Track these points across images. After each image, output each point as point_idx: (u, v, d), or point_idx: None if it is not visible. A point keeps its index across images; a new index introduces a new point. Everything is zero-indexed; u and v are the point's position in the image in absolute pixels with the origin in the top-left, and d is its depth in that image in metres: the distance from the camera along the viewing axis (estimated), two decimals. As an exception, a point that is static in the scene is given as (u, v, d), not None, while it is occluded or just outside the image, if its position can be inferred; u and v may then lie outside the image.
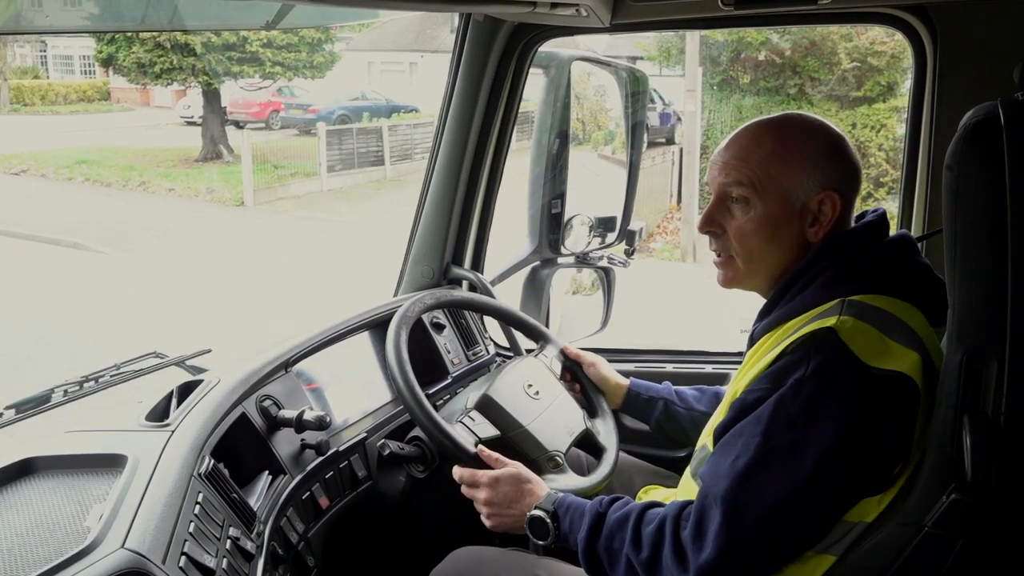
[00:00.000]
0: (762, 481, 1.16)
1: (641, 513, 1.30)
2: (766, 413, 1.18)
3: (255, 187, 13.29)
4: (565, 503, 1.39)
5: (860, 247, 1.31)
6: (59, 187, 14.16)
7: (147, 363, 1.67)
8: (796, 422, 1.15)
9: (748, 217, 1.34)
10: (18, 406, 1.47)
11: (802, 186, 1.31)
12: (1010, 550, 1.13)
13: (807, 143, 1.33)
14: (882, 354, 1.16)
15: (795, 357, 1.18)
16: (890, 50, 10.66)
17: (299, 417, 1.54)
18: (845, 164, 1.34)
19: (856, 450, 1.15)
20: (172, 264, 9.82)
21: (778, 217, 1.32)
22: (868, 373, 1.15)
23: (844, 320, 1.18)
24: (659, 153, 12.06)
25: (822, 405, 1.14)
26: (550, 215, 2.32)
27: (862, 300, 1.21)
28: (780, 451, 1.16)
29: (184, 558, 1.10)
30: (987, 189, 1.03)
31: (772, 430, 1.16)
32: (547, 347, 1.89)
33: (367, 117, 16.24)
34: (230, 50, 14.82)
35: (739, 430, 1.21)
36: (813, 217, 1.32)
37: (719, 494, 1.18)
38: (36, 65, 24.46)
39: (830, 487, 1.17)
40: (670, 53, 12.25)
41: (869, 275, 1.26)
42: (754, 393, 1.22)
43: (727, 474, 1.18)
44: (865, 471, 1.16)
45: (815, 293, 1.28)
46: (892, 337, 1.18)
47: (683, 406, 1.75)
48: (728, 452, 1.21)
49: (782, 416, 1.16)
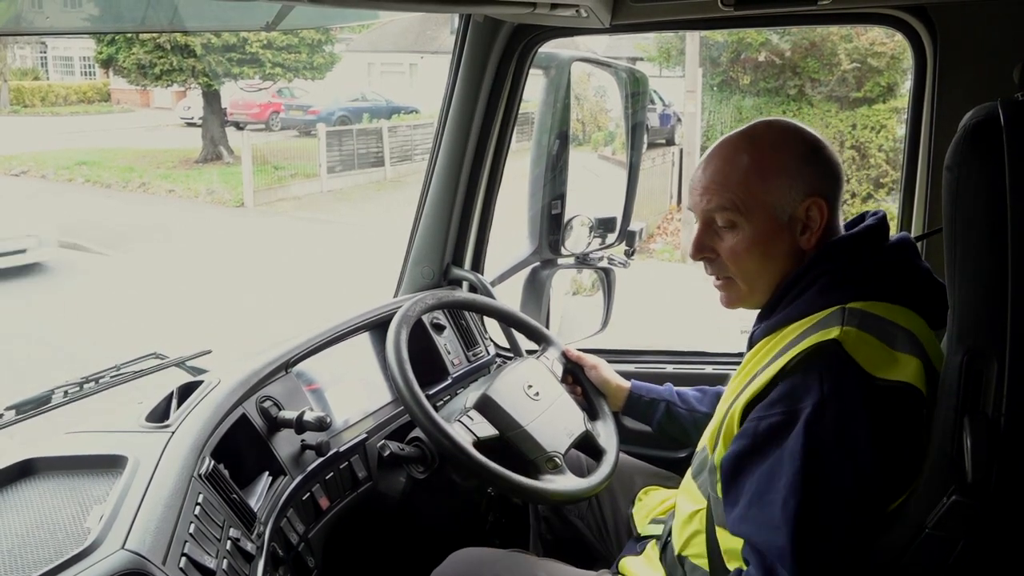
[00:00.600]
0: (817, 521, 1.14)
1: None
2: (798, 447, 1.14)
3: (255, 188, 13.29)
4: None
5: (859, 252, 1.30)
6: (59, 188, 14.17)
7: (147, 364, 1.67)
8: (831, 449, 1.13)
9: (738, 239, 1.32)
10: (18, 407, 1.47)
11: (786, 198, 1.29)
12: (1011, 551, 1.13)
13: (783, 153, 1.31)
14: (887, 365, 1.16)
15: (805, 378, 1.16)
16: (890, 51, 10.67)
17: (299, 418, 1.54)
18: (824, 166, 1.32)
19: (884, 462, 1.14)
20: (172, 265, 9.82)
21: (768, 233, 1.30)
22: (875, 385, 1.14)
23: (847, 331, 1.17)
24: (659, 154, 12.06)
25: (848, 427, 1.13)
26: (550, 216, 2.32)
27: (861, 308, 1.21)
28: (824, 483, 1.14)
29: (184, 559, 1.10)
30: (987, 190, 1.03)
31: (810, 463, 1.13)
32: (548, 349, 1.89)
33: (367, 118, 16.25)
34: (230, 51, 14.83)
35: (771, 471, 1.17)
36: (803, 225, 1.30)
37: (783, 548, 1.13)
38: (36, 66, 24.48)
39: (874, 502, 1.17)
40: (670, 54, 12.26)
41: (867, 281, 1.26)
42: (767, 419, 1.19)
43: (782, 523, 1.13)
44: (891, 480, 1.16)
45: (814, 298, 1.27)
46: (894, 346, 1.18)
47: (685, 407, 1.75)
48: (771, 500, 1.16)
49: (815, 447, 1.13)
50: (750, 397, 1.24)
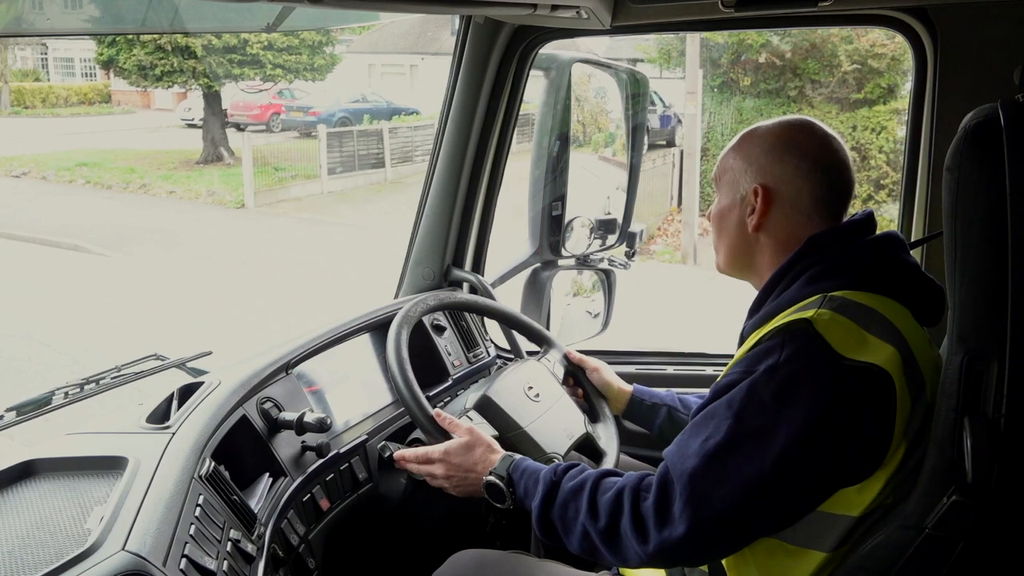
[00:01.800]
0: (730, 463, 1.17)
1: (597, 482, 1.31)
2: (738, 397, 1.19)
3: (256, 189, 13.31)
4: (520, 468, 1.41)
5: (844, 244, 1.32)
6: (60, 189, 14.18)
7: (148, 365, 1.67)
8: (767, 407, 1.16)
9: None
10: (19, 408, 1.46)
11: (742, 178, 1.40)
12: (1011, 552, 1.13)
13: (756, 141, 1.40)
14: (858, 346, 1.16)
15: (770, 344, 1.19)
16: (890, 52, 10.67)
17: (300, 419, 1.54)
18: (824, 172, 1.37)
19: (826, 438, 1.15)
20: (173, 266, 9.82)
21: (726, 208, 1.43)
22: (842, 363, 1.15)
23: (822, 313, 1.19)
24: (660, 155, 12.08)
25: (794, 392, 1.15)
26: (551, 217, 2.32)
27: (844, 295, 1.22)
28: (750, 435, 1.17)
29: (185, 560, 1.10)
30: (987, 191, 1.03)
31: (743, 414, 1.18)
32: (550, 351, 1.89)
33: (368, 119, 16.27)
34: (231, 52, 14.86)
35: (711, 412, 1.22)
36: (751, 208, 1.38)
37: (687, 472, 1.19)
38: (37, 68, 24.51)
39: (798, 473, 1.17)
40: (670, 55, 12.27)
41: (852, 271, 1.27)
42: (728, 377, 1.24)
43: (696, 453, 1.19)
44: (837, 460, 1.16)
45: (799, 289, 1.29)
46: (870, 330, 1.18)
47: (686, 412, 1.75)
48: (698, 432, 1.22)
49: (754, 401, 1.17)
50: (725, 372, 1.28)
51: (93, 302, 8.31)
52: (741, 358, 1.24)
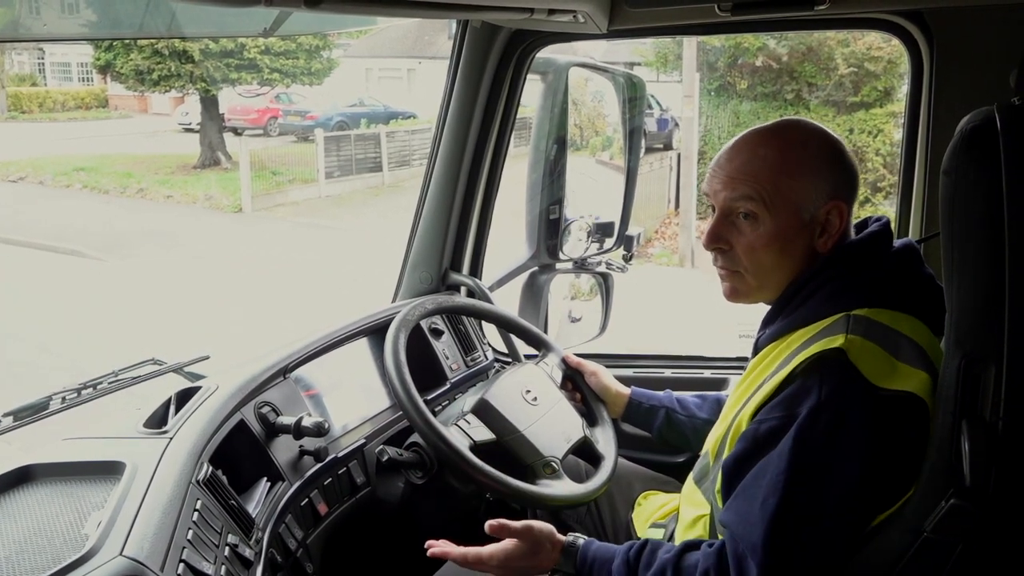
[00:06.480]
0: (796, 520, 1.15)
1: (677, 565, 1.25)
2: (787, 449, 1.16)
3: (253, 194, 13.28)
4: (587, 560, 1.33)
5: (866, 258, 1.30)
6: (57, 194, 14.15)
7: (145, 370, 1.67)
8: (819, 454, 1.15)
9: (758, 233, 1.31)
10: (16, 413, 1.46)
11: (810, 199, 1.29)
12: (1009, 555, 1.13)
13: (811, 153, 1.31)
14: (890, 375, 1.16)
15: (806, 382, 1.17)
16: (887, 55, 10.68)
17: (297, 423, 1.54)
18: (846, 172, 1.33)
19: (877, 473, 1.15)
20: (170, 271, 9.81)
21: (789, 231, 1.30)
22: (877, 395, 1.15)
23: (852, 340, 1.17)
24: (657, 159, 12.07)
25: (841, 435, 1.14)
26: (548, 221, 2.33)
27: (867, 315, 1.21)
28: (807, 487, 1.15)
29: (182, 565, 1.10)
30: (984, 193, 1.03)
31: (796, 466, 1.15)
32: (548, 355, 1.89)
33: (365, 123, 16.24)
34: (228, 57, 14.83)
35: (761, 469, 1.19)
36: (821, 228, 1.31)
37: (756, 543, 1.15)
38: (34, 72, 24.45)
39: (857, 512, 1.17)
40: (667, 59, 12.27)
41: (874, 288, 1.26)
42: (767, 423, 1.20)
43: (760, 520, 1.16)
44: (884, 491, 1.17)
45: (820, 304, 1.27)
46: (898, 357, 1.18)
47: (685, 414, 1.75)
48: (755, 495, 1.18)
49: (804, 450, 1.15)
50: (758, 404, 1.24)
51: (91, 306, 8.29)
52: (775, 398, 1.21)
